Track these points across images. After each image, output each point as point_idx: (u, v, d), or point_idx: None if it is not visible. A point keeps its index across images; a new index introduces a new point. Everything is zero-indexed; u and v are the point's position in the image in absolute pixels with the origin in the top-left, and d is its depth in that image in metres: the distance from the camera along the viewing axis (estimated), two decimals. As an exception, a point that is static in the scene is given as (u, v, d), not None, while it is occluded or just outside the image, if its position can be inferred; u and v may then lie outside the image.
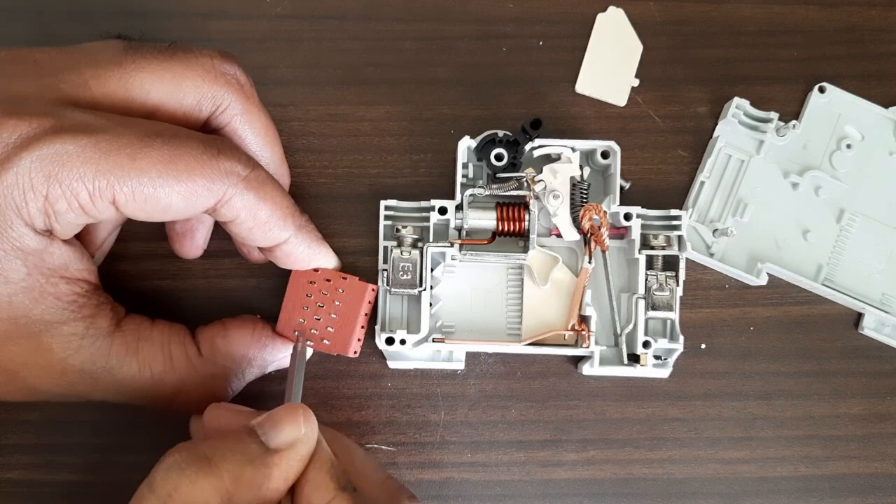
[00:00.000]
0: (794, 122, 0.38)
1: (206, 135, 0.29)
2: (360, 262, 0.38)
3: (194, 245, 0.35)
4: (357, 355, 0.35)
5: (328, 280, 0.34)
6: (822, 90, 0.39)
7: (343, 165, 0.39)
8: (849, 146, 0.39)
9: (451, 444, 0.38)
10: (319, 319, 0.34)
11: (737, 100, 0.38)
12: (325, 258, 0.34)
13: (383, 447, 0.37)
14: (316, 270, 0.34)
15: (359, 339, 0.35)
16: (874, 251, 0.39)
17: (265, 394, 0.37)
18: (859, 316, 0.39)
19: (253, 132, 0.32)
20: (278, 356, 0.34)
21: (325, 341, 0.34)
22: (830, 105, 0.39)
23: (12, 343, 0.27)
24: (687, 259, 0.37)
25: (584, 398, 0.38)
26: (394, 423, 0.38)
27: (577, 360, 0.38)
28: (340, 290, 0.34)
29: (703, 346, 0.38)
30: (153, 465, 0.26)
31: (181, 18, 0.39)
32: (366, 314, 0.35)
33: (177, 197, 0.27)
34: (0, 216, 0.25)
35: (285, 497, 0.27)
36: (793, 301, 0.39)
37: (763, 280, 0.38)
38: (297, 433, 0.27)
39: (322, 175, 0.39)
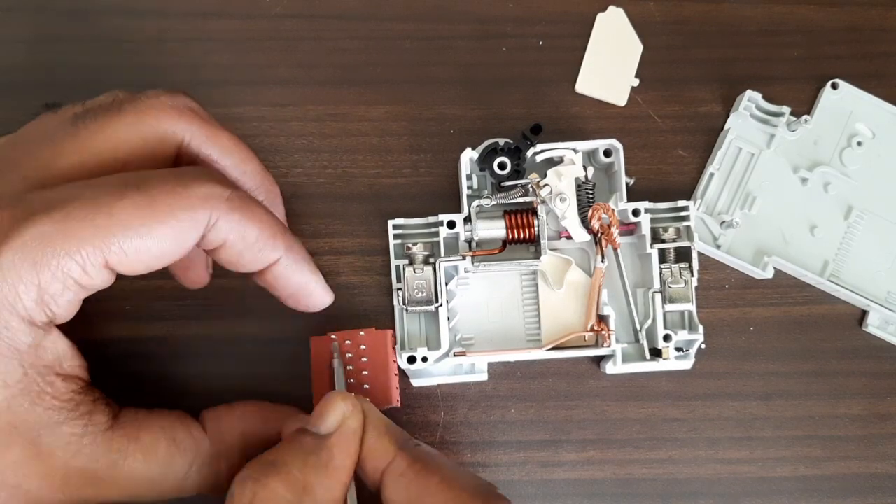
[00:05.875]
0: (805, 116, 0.38)
1: (176, 168, 0.28)
2: (358, 262, 0.38)
3: (199, 274, 0.35)
4: (399, 404, 0.35)
5: (347, 341, 0.34)
6: (834, 87, 0.39)
7: (343, 165, 0.39)
8: (859, 143, 0.39)
9: (450, 445, 0.38)
10: (352, 382, 0.34)
11: (749, 92, 0.38)
12: (319, 287, 0.32)
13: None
14: (332, 338, 0.33)
15: (396, 388, 0.34)
16: (881, 249, 0.39)
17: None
18: (863, 314, 0.39)
19: (225, 153, 0.31)
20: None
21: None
22: (842, 102, 0.39)
23: (11, 452, 0.26)
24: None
25: (584, 398, 0.38)
26: (393, 422, 0.38)
27: (599, 360, 0.38)
28: (362, 347, 0.34)
29: (703, 346, 0.38)
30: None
31: (181, 18, 0.39)
32: (394, 360, 0.34)
33: (166, 239, 0.27)
34: None
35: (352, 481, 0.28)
36: (793, 301, 0.39)
37: (769, 273, 0.38)
38: (341, 413, 0.29)
39: (322, 175, 0.39)
